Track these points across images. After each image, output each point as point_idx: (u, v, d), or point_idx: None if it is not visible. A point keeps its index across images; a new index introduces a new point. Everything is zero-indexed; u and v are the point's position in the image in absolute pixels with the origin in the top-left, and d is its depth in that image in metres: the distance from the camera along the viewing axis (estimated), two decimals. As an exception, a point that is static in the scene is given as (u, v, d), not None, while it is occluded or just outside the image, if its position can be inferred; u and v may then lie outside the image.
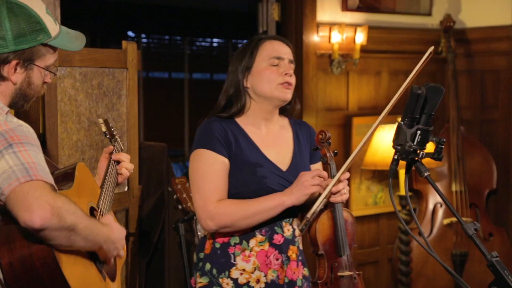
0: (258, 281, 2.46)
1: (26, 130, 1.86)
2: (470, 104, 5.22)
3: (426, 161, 1.89)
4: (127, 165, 2.47)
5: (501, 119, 5.09)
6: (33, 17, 1.94)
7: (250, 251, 2.47)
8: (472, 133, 5.15)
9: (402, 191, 4.62)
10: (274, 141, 2.58)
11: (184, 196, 3.40)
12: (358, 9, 4.77)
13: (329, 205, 2.52)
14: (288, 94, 2.53)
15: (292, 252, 2.51)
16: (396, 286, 4.90)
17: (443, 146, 1.88)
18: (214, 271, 2.49)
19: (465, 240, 4.78)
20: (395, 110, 5.14)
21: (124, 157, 2.48)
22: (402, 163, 1.92)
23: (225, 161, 2.48)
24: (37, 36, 1.95)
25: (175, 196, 3.42)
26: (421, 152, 1.89)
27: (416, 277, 4.80)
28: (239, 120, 2.56)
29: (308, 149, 2.64)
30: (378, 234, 5.02)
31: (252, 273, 2.46)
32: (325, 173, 2.43)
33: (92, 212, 2.19)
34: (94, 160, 3.25)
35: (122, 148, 2.57)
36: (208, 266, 2.50)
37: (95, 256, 2.05)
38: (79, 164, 2.20)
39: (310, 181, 2.38)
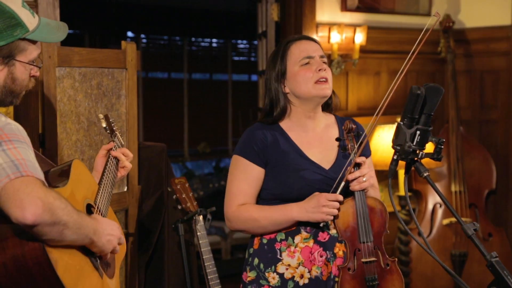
0: (302, 276, 2.52)
1: (15, 127, 1.85)
2: (469, 104, 5.22)
3: (426, 161, 1.90)
4: (126, 164, 2.49)
5: (500, 119, 5.09)
6: (7, 13, 1.93)
7: (295, 247, 2.53)
8: (471, 133, 5.15)
9: (402, 191, 4.61)
10: (318, 140, 2.64)
11: (183, 196, 3.40)
12: (357, 9, 4.77)
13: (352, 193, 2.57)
14: (326, 90, 2.58)
15: (339, 249, 2.55)
16: (395, 286, 4.90)
17: (442, 146, 1.89)
18: (261, 265, 2.57)
19: (465, 240, 4.78)
20: (394, 110, 5.14)
21: (123, 156, 2.48)
22: (402, 163, 1.92)
23: (257, 169, 2.57)
24: (13, 32, 1.93)
25: (174, 197, 3.42)
26: (421, 152, 1.89)
27: (416, 277, 4.81)
28: (283, 124, 2.64)
29: None
30: (378, 234, 5.02)
31: (297, 268, 2.53)
32: (341, 197, 2.49)
33: (89, 209, 2.18)
34: (94, 160, 3.24)
35: (122, 143, 2.56)
36: (256, 261, 2.58)
37: (90, 253, 2.04)
38: (75, 161, 2.18)
39: (327, 209, 2.45)
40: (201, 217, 3.41)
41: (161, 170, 3.64)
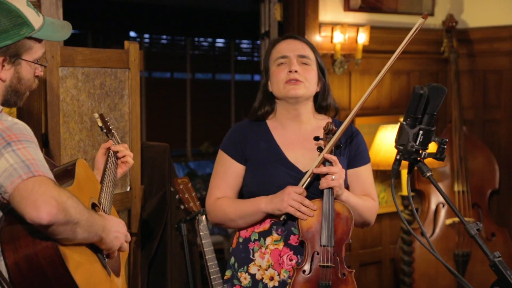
0: (272, 278, 2.49)
1: (22, 127, 1.86)
2: (472, 104, 5.22)
3: (429, 161, 1.89)
4: (129, 159, 2.51)
5: (503, 119, 5.09)
6: (13, 12, 1.93)
7: (266, 248, 2.51)
8: (474, 133, 5.14)
9: (405, 191, 4.61)
10: (300, 141, 2.59)
11: (186, 196, 3.41)
12: (360, 9, 4.77)
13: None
14: (295, 90, 2.53)
15: None
16: (398, 286, 4.90)
17: (445, 146, 1.88)
18: (236, 265, 2.56)
19: (468, 240, 4.77)
20: (397, 110, 5.13)
21: (125, 150, 2.50)
22: (405, 163, 1.92)
23: (236, 165, 2.58)
24: (20, 30, 1.93)
25: (177, 196, 3.42)
26: (424, 152, 1.89)
27: (419, 277, 4.80)
28: (269, 122, 2.63)
29: (347, 152, 2.62)
30: (381, 234, 5.02)
31: (266, 270, 2.49)
32: (303, 189, 2.43)
33: (94, 208, 2.20)
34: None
35: (119, 142, 2.59)
36: (232, 259, 2.58)
37: (98, 251, 2.05)
38: (79, 160, 2.20)
39: (290, 200, 2.40)
40: (203, 217, 3.41)
41: (164, 170, 3.64)
